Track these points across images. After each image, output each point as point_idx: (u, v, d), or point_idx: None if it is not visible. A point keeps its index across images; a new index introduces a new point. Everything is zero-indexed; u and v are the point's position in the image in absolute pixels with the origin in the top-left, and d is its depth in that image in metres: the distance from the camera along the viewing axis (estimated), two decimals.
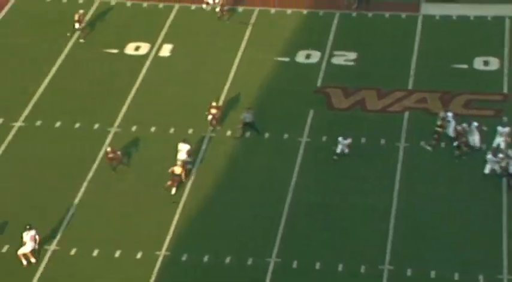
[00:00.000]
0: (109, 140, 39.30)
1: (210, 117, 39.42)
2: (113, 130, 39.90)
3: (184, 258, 34.23)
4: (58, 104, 41.28)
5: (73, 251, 34.38)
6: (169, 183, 36.67)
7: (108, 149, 37.48)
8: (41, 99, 41.51)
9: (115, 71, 43.26)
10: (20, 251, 33.57)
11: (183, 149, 37.61)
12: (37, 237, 33.77)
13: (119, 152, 37.63)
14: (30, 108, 40.98)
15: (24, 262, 33.58)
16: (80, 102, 41.39)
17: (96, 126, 40.09)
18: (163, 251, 34.43)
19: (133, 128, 40.03)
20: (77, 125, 40.13)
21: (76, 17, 44.67)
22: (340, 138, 37.98)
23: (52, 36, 45.12)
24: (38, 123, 40.26)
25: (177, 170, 36.82)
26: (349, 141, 37.90)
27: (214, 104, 39.56)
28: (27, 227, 33.78)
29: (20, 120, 40.36)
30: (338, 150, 37.78)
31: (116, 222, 35.62)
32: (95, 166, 38.04)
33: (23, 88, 42.05)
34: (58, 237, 34.88)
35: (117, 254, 34.31)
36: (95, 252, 34.34)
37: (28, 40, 44.99)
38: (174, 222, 35.61)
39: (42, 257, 34.04)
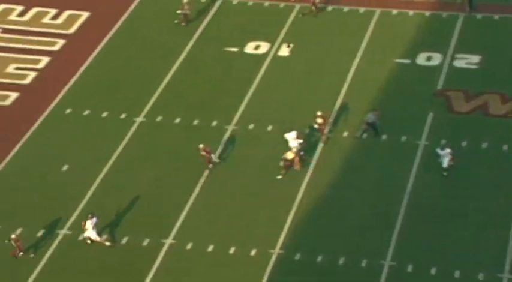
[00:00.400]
0: (226, 137, 39.64)
1: (316, 126, 39.05)
2: (230, 128, 40.22)
3: (297, 257, 34.17)
4: (178, 100, 41.89)
5: (189, 246, 34.78)
6: (297, 166, 37.08)
7: (201, 146, 37.70)
8: (162, 95, 42.22)
9: (234, 69, 43.62)
10: (91, 237, 34.45)
11: (290, 138, 37.75)
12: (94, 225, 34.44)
13: (211, 155, 37.66)
14: (152, 103, 41.74)
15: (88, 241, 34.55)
16: (200, 99, 41.89)
17: (214, 123, 40.48)
18: (277, 249, 34.46)
19: (251, 126, 40.25)
20: (196, 122, 40.61)
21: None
22: (437, 150, 37.14)
23: (175, 33, 45.85)
24: (159, 118, 40.94)
25: (289, 155, 37.00)
26: (448, 151, 36.94)
27: (319, 113, 39.08)
28: (89, 215, 34.38)
29: (141, 115, 41.13)
30: (445, 165, 36.83)
31: (232, 218, 35.85)
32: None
33: (145, 83, 42.86)
34: (175, 231, 35.35)
35: (232, 250, 34.52)
36: (210, 248, 34.65)
37: (153, 35, 45.84)
38: (289, 220, 35.60)
39: (159, 250, 34.58)
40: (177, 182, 37.52)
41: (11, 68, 43.76)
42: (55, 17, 47.07)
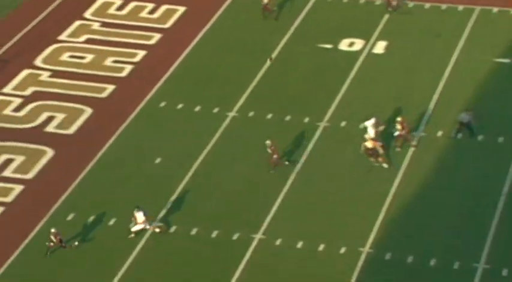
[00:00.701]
0: (318, 134, 39.43)
1: (396, 133, 38.22)
2: (322, 124, 40.00)
3: (387, 256, 33.74)
4: (271, 96, 41.87)
5: (278, 241, 34.69)
6: (380, 159, 36.87)
7: (268, 142, 37.43)
8: (255, 90, 42.26)
9: (328, 66, 43.38)
10: (134, 229, 34.72)
11: (369, 125, 37.50)
12: (143, 218, 34.69)
13: (276, 154, 37.34)
14: (245, 98, 41.83)
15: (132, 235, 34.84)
16: (292, 95, 41.79)
17: (306, 119, 40.33)
18: (366, 248, 34.11)
19: (343, 123, 39.93)
20: (288, 118, 40.51)
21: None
22: None
23: (269, 29, 45.87)
24: (251, 114, 40.99)
25: (368, 144, 36.88)
26: None
27: (399, 119, 38.15)
28: (136, 208, 34.61)
29: (234, 110, 41.25)
30: None
31: (321, 215, 35.62)
32: (302, 160, 38.23)
33: (239, 78, 42.97)
34: (264, 226, 35.32)
35: (321, 247, 34.31)
36: (299, 244, 34.50)
37: (247, 31, 45.93)
38: (380, 219, 35.19)
39: (248, 245, 34.60)
40: (267, 178, 37.48)
41: (108, 61, 44.48)
42: (152, 12, 47.66)
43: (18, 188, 37.20)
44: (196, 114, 41.17)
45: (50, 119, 41.04)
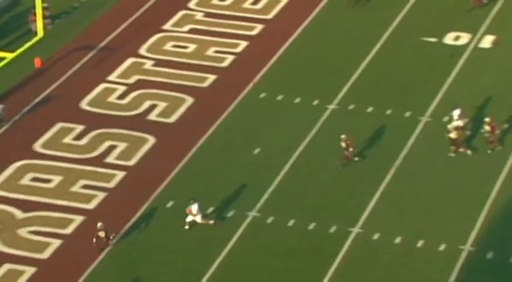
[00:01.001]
0: (419, 129, 38.83)
1: (486, 135, 37.19)
2: (423, 119, 39.39)
3: (489, 256, 32.99)
4: (372, 89, 41.45)
5: (376, 236, 34.32)
6: (461, 149, 36.68)
7: (343, 136, 36.90)
8: (356, 83, 41.91)
9: (432, 60, 42.67)
10: (188, 219, 34.81)
11: (455, 116, 37.15)
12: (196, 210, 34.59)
13: (351, 149, 36.78)
14: (345, 91, 41.51)
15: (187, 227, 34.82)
16: (394, 89, 41.28)
17: (408, 114, 39.76)
18: (467, 246, 33.42)
19: (445, 119, 39.22)
20: (388, 112, 40.03)
21: None
22: None
23: (372, 21, 45.39)
24: (351, 107, 40.65)
25: (452, 135, 36.38)
26: None
27: (487, 119, 37.13)
28: (192, 200, 34.59)
29: (334, 102, 41.00)
30: None
31: (421, 211, 35.09)
32: (402, 154, 37.72)
33: (340, 71, 42.67)
34: (362, 220, 34.99)
35: (420, 244, 33.78)
36: (397, 240, 34.05)
37: (351, 23, 45.59)
38: (482, 217, 34.42)
39: (346, 238, 34.35)
40: (366, 170, 37.12)
41: (210, 51, 44.77)
42: (255, 2, 47.73)
43: (120, 174, 37.81)
44: (296, 106, 41.06)
45: (152, 107, 41.56)
